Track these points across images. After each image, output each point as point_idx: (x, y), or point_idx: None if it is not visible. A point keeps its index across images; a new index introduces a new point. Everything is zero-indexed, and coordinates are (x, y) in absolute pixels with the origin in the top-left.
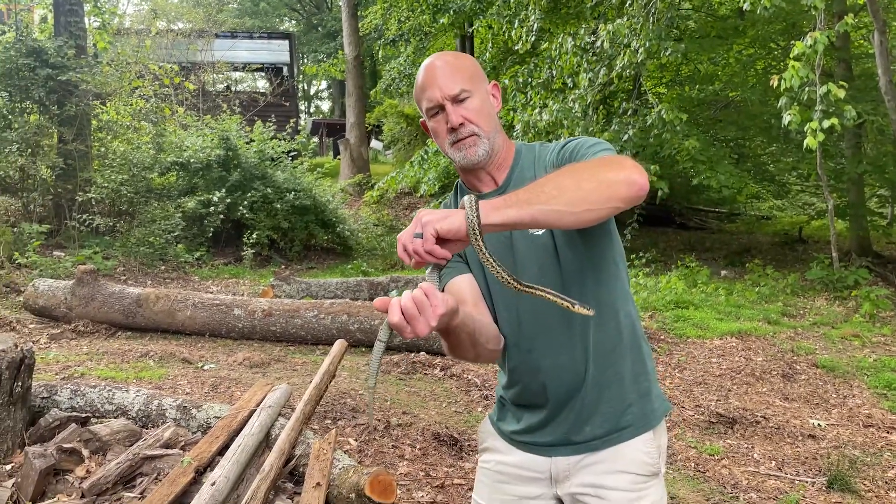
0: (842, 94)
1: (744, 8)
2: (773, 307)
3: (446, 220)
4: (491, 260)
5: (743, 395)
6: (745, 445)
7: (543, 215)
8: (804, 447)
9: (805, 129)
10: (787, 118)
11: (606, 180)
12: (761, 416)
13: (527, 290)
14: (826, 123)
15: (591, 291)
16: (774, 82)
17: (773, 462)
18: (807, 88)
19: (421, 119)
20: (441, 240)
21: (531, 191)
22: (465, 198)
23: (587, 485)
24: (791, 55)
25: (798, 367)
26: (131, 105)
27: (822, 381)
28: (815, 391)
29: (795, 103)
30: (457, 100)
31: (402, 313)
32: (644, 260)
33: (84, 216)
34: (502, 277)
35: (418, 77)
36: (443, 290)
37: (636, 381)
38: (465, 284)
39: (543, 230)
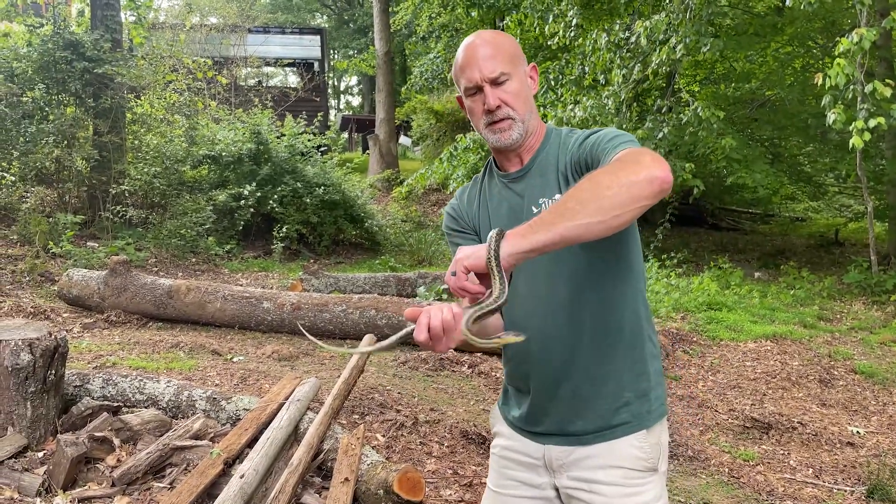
0: (888, 92)
1: (787, 4)
2: (809, 310)
3: (472, 257)
4: (500, 291)
5: (779, 400)
6: (781, 452)
7: (571, 231)
8: (842, 455)
9: (850, 128)
10: (831, 117)
11: (627, 182)
12: (798, 422)
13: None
14: (872, 123)
15: (596, 286)
16: (818, 80)
17: (811, 469)
18: (851, 87)
19: (457, 95)
20: (478, 275)
21: (554, 211)
22: (492, 232)
23: (579, 479)
24: (836, 52)
25: (836, 373)
26: (165, 98)
27: (860, 387)
28: (854, 398)
29: (839, 102)
30: (496, 82)
31: (429, 331)
32: (676, 260)
33: (118, 207)
34: (495, 301)
35: (459, 54)
36: (475, 321)
37: (635, 381)
38: None
39: None
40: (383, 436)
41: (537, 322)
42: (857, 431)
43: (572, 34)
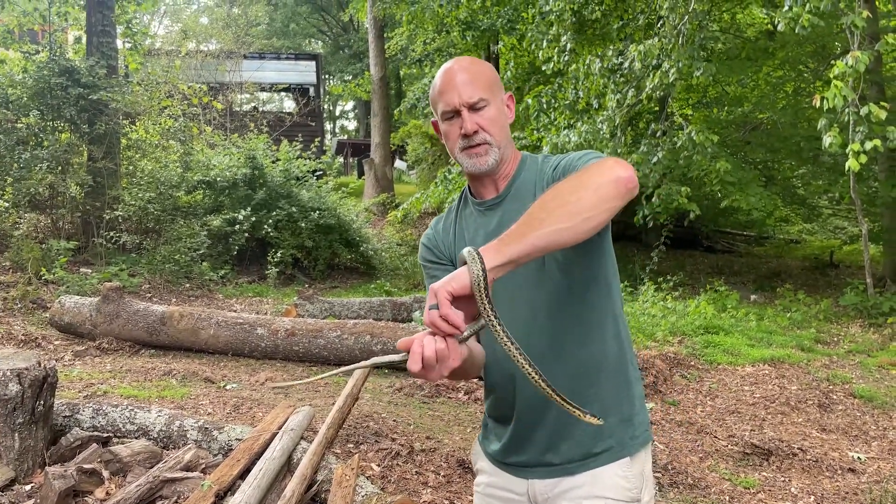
0: (883, 115)
1: (778, 28)
2: (806, 333)
3: (454, 280)
4: (493, 320)
5: (778, 426)
6: (782, 478)
7: (543, 240)
8: (844, 481)
9: (847, 151)
10: (827, 140)
11: (592, 185)
12: (798, 448)
13: (532, 375)
14: (868, 145)
15: (576, 310)
16: (816, 102)
17: (812, 497)
18: (847, 110)
19: (433, 119)
20: (456, 300)
21: (523, 223)
22: (465, 251)
23: None
24: (831, 74)
25: (834, 397)
26: (160, 124)
27: (860, 411)
28: (854, 422)
29: (835, 125)
30: (473, 107)
31: (423, 360)
32: (671, 283)
33: (111, 233)
34: (505, 344)
35: (437, 80)
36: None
37: (619, 405)
38: None
39: None
40: (378, 465)
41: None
42: (858, 457)
43: (566, 59)
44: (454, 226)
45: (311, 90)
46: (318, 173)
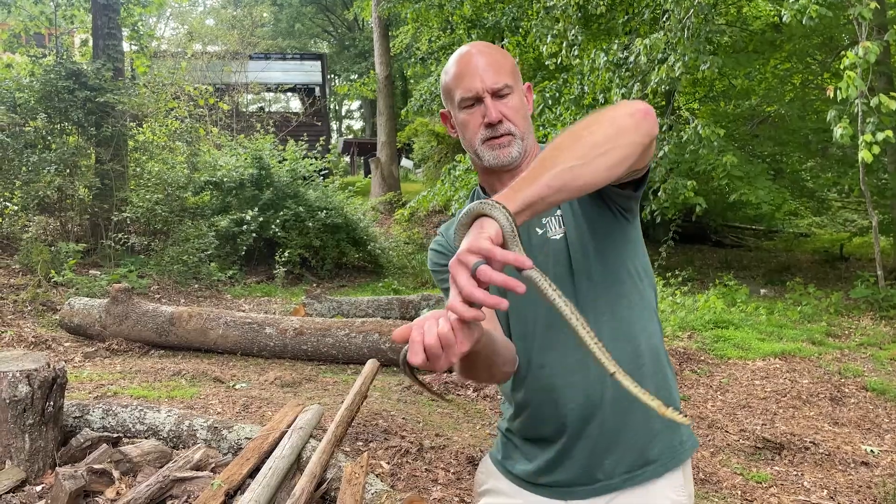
0: (894, 105)
1: (784, 20)
2: (817, 327)
3: (483, 231)
4: (535, 271)
5: (790, 420)
6: (795, 472)
7: (557, 179)
8: (857, 475)
9: (859, 142)
10: (837, 132)
11: (606, 119)
12: (810, 442)
13: (591, 344)
14: (880, 136)
15: (606, 305)
16: (830, 93)
17: (825, 491)
18: (857, 101)
19: (443, 110)
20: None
21: (535, 166)
22: (473, 204)
23: None
24: (841, 65)
25: (846, 390)
26: (167, 126)
27: (872, 404)
28: (866, 415)
29: (845, 116)
30: (498, 94)
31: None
32: (680, 278)
33: (120, 235)
34: (555, 301)
35: (451, 65)
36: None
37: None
38: None
39: (560, 234)
40: (388, 463)
41: (556, 356)
42: (871, 450)
43: (574, 53)
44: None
45: (317, 90)
46: (324, 172)
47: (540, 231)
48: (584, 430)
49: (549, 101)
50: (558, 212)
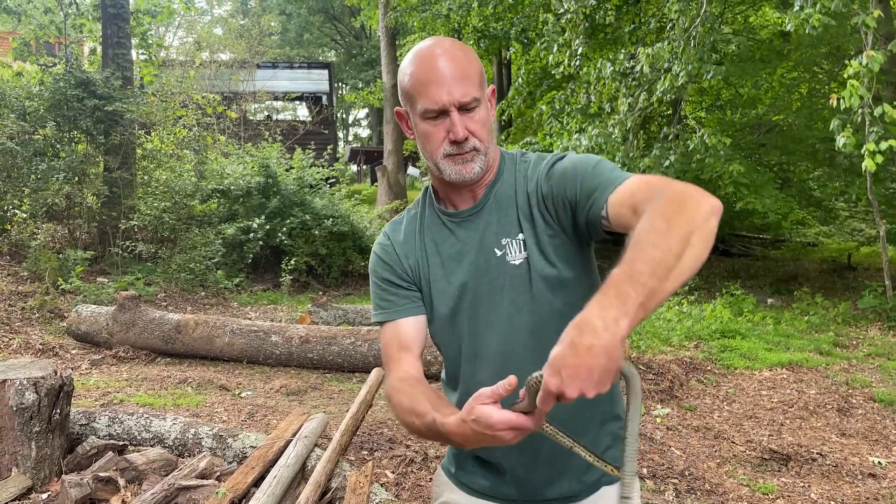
0: None
1: (788, 29)
2: (825, 337)
3: (599, 371)
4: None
5: (797, 430)
6: (801, 484)
7: (666, 291)
8: (864, 487)
9: (862, 151)
10: (840, 141)
11: (698, 222)
12: (817, 453)
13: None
14: (884, 145)
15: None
16: (833, 102)
17: (832, 502)
18: (860, 110)
19: (398, 108)
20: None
21: (636, 287)
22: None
23: None
24: (845, 74)
25: (854, 401)
26: (175, 134)
27: (880, 415)
28: (874, 427)
29: (849, 125)
30: (465, 107)
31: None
32: (687, 287)
33: (127, 243)
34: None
35: (414, 65)
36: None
37: (611, 424)
38: (415, 328)
39: (521, 259)
40: (392, 472)
41: (495, 375)
42: (879, 462)
43: (577, 63)
44: (419, 236)
45: (324, 98)
46: (331, 181)
47: (499, 253)
48: (539, 453)
49: (557, 111)
50: (521, 235)
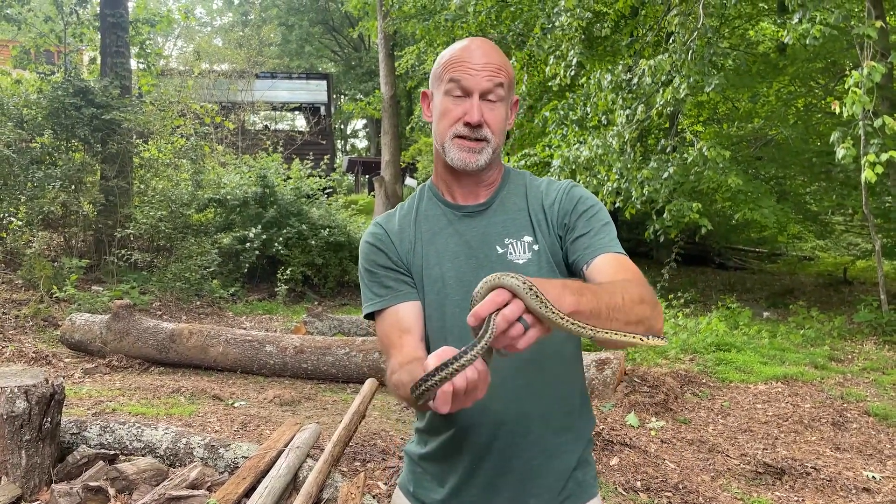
0: None
1: (786, 41)
2: (820, 351)
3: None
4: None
5: (791, 444)
6: (796, 498)
7: (600, 323)
8: (858, 501)
9: (862, 162)
10: (840, 152)
11: (650, 325)
12: (811, 467)
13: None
14: (884, 156)
15: (560, 342)
16: (836, 108)
17: None
18: (860, 122)
19: (425, 90)
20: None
21: (588, 294)
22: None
23: None
24: (846, 84)
25: (849, 415)
26: (172, 143)
27: (874, 430)
28: (868, 441)
29: (849, 137)
30: (487, 97)
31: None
32: (683, 300)
33: (123, 251)
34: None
35: (454, 49)
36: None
37: (584, 447)
38: (414, 313)
39: (525, 259)
40: (385, 483)
41: (490, 390)
42: (873, 476)
43: (572, 73)
44: (413, 226)
45: (323, 109)
46: (328, 191)
47: (500, 250)
48: (510, 465)
49: (561, 120)
50: (527, 238)
